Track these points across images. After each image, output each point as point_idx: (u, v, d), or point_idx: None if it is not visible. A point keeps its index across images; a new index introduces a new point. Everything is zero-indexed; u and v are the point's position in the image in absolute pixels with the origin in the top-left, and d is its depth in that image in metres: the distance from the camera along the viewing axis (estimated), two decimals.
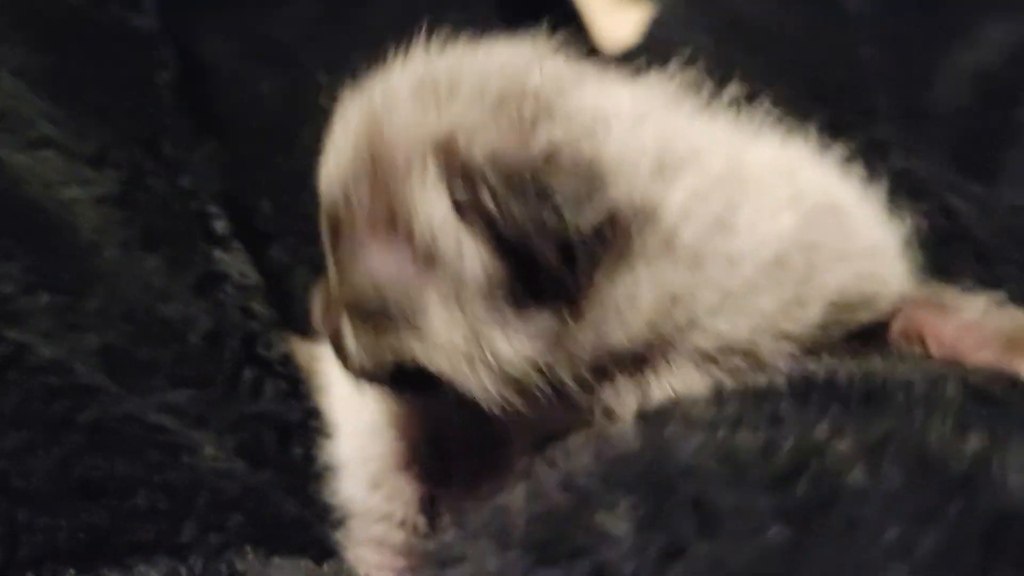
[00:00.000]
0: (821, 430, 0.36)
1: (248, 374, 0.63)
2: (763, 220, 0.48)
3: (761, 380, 0.42)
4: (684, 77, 0.53)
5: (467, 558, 0.38)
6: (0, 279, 0.56)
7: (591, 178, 0.44)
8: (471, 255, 0.45)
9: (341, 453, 0.66)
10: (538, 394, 0.47)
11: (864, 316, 0.50)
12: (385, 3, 0.89)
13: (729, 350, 0.47)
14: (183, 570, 0.52)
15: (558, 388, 0.47)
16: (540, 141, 0.44)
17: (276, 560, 0.53)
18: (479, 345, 0.47)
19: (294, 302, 0.75)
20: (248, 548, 0.55)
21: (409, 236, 0.47)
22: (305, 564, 0.54)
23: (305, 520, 0.62)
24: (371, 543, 0.63)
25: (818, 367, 0.43)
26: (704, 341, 0.47)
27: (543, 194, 0.43)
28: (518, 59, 0.49)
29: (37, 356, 0.56)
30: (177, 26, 0.74)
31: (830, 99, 0.78)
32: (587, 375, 0.47)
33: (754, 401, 0.40)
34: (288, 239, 0.78)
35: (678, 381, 0.47)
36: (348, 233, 0.49)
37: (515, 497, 0.40)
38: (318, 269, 0.77)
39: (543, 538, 0.36)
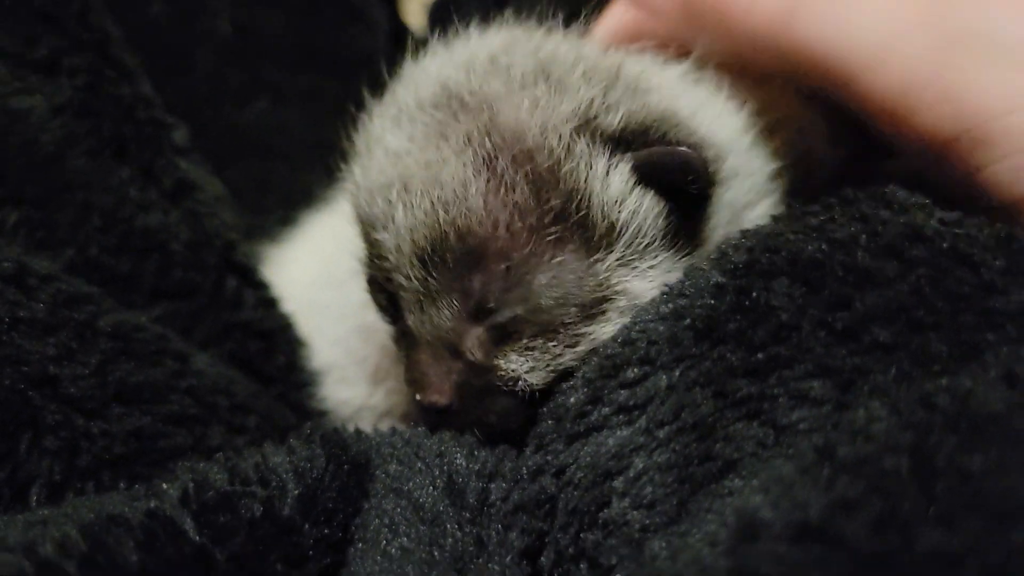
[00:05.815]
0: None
1: (231, 283, 0.62)
2: None
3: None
4: None
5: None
6: None
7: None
8: (652, 210, 0.48)
9: (325, 359, 0.66)
10: None
11: None
12: None
13: None
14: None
15: None
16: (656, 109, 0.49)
17: None
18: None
19: None
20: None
21: (584, 222, 0.46)
22: None
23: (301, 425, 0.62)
24: None
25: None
26: None
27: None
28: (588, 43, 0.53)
29: (39, 267, 0.52)
30: None
31: None
32: None
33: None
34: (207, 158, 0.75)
35: None
36: (503, 255, 0.46)
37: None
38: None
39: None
